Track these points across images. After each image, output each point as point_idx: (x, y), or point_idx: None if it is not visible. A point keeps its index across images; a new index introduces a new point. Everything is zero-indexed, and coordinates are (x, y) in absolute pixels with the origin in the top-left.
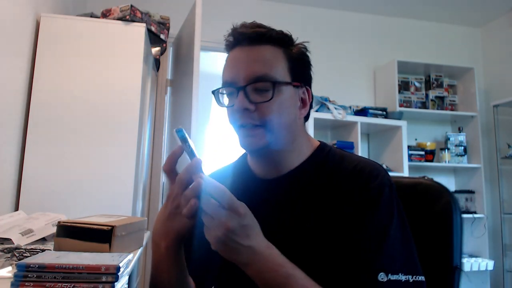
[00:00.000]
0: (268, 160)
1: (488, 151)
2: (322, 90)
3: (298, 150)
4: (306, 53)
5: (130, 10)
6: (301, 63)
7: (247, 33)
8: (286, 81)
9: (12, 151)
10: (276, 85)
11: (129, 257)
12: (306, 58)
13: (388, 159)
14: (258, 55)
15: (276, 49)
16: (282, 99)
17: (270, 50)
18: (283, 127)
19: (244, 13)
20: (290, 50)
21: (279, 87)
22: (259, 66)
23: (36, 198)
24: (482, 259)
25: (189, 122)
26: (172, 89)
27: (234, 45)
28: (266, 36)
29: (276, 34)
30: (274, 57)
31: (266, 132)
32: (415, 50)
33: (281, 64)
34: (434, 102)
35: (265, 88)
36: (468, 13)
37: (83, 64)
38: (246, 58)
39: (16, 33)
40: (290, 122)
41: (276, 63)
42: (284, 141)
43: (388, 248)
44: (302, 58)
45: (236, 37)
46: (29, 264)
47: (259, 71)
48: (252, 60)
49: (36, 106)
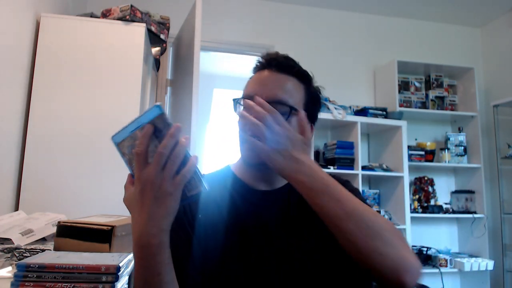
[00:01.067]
0: (262, 175)
1: (488, 151)
2: (322, 90)
3: None
4: (320, 95)
5: (130, 10)
6: (315, 102)
7: (279, 60)
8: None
9: (13, 151)
10: (293, 111)
11: (129, 257)
12: (319, 99)
13: (388, 159)
14: (284, 82)
15: (299, 83)
16: (293, 126)
17: (294, 82)
18: None
19: (244, 13)
20: (309, 88)
21: (294, 114)
22: (282, 91)
23: (36, 198)
24: (482, 259)
25: (189, 122)
26: (172, 89)
27: (264, 67)
28: (295, 69)
29: (302, 71)
30: (295, 89)
31: None
32: (415, 50)
33: (300, 97)
34: (434, 102)
35: (282, 111)
36: (468, 13)
37: (83, 64)
38: (272, 80)
39: (16, 33)
40: None
41: (296, 95)
42: None
43: None
44: (317, 99)
45: (268, 61)
46: (29, 264)
47: (281, 95)
48: (277, 84)
49: (36, 106)
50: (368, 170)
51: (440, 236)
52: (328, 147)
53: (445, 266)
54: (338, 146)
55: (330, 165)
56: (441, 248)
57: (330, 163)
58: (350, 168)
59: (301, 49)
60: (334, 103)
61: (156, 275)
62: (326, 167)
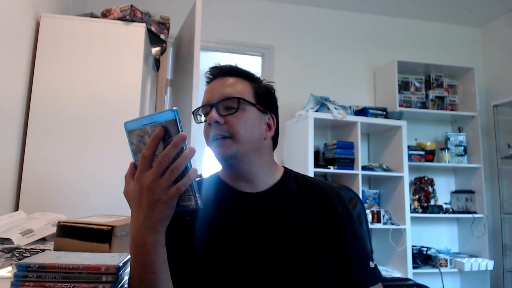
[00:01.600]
0: (242, 175)
1: (488, 151)
2: (322, 90)
3: (270, 169)
4: (271, 89)
5: (130, 10)
6: (266, 94)
7: (220, 68)
8: (249, 101)
9: (12, 151)
10: (240, 101)
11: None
12: (271, 90)
13: (388, 159)
14: (229, 82)
15: (243, 81)
16: (248, 116)
17: (239, 80)
18: (249, 141)
19: (244, 13)
20: (256, 84)
21: (243, 104)
22: (228, 89)
23: (36, 198)
24: (482, 259)
25: (189, 122)
26: (172, 89)
27: (211, 79)
28: (234, 70)
29: (243, 70)
30: (241, 85)
31: (233, 142)
32: (415, 50)
33: (247, 90)
34: (434, 102)
35: (232, 105)
36: (468, 13)
37: (83, 64)
38: (218, 84)
39: (16, 33)
40: (255, 138)
41: (242, 89)
42: (251, 153)
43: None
44: (268, 91)
45: (212, 72)
46: (29, 264)
47: (228, 92)
48: (224, 86)
49: (36, 106)
50: (368, 170)
51: (440, 236)
52: (328, 147)
53: (445, 266)
54: (338, 146)
55: (330, 165)
56: (441, 248)
57: (330, 163)
58: (350, 168)
59: (301, 49)
60: (334, 103)
61: (151, 273)
62: (326, 167)
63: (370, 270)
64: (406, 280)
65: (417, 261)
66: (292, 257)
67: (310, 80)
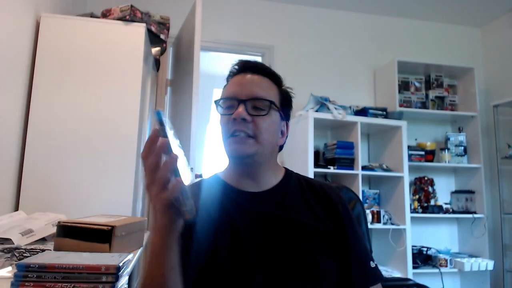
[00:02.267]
0: (249, 174)
1: (488, 151)
2: (322, 90)
3: (274, 171)
4: (291, 95)
5: (130, 10)
6: (287, 101)
7: (253, 63)
8: (278, 107)
9: (13, 151)
10: (272, 105)
11: (129, 257)
12: (290, 98)
13: (388, 159)
14: (260, 81)
15: (272, 83)
16: (273, 120)
17: (268, 82)
18: (268, 144)
19: (245, 13)
20: (281, 88)
21: (273, 109)
22: (260, 89)
23: (36, 198)
24: (482, 259)
25: (189, 122)
26: (172, 89)
27: (239, 71)
28: (267, 70)
29: (274, 72)
30: (271, 88)
31: (256, 143)
32: (415, 50)
33: (275, 94)
34: (434, 102)
35: (262, 107)
36: (468, 13)
37: (83, 64)
38: (250, 81)
39: (16, 33)
40: (273, 143)
41: (271, 93)
42: (266, 156)
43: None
44: (289, 98)
45: (243, 65)
46: (29, 264)
47: (260, 92)
48: (255, 84)
49: (36, 106)
50: (368, 170)
51: (440, 236)
52: (328, 147)
53: (445, 266)
54: (338, 146)
55: (330, 165)
56: (441, 248)
57: (330, 163)
58: (350, 168)
59: (301, 49)
60: (334, 103)
61: (160, 275)
62: (326, 167)
63: (370, 270)
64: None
65: (417, 261)
66: (293, 257)
67: (310, 80)
